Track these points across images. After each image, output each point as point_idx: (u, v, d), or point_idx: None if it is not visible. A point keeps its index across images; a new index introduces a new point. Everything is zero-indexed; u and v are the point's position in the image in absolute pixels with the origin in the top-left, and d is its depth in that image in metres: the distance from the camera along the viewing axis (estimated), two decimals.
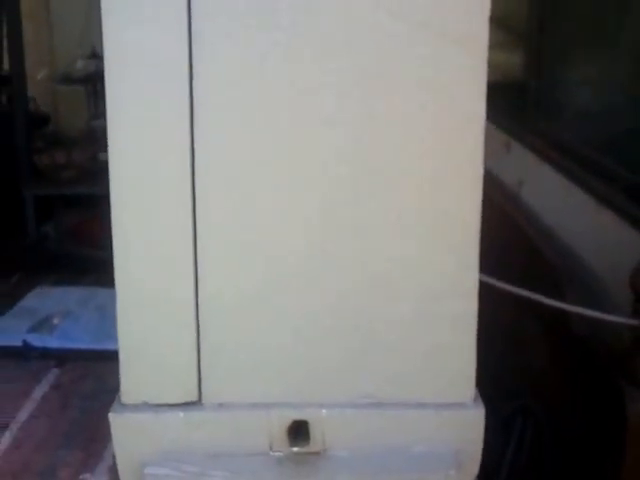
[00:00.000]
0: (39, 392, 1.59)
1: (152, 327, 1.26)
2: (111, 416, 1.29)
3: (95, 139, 4.53)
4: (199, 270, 1.24)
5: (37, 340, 2.14)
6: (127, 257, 1.24)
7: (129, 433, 1.29)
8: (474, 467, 1.33)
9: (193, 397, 1.29)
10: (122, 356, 1.28)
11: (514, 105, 3.33)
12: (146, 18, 1.16)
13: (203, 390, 1.29)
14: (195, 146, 1.20)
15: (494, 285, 1.81)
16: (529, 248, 2.77)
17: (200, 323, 1.26)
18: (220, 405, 1.30)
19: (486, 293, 1.32)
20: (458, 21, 1.16)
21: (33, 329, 2.25)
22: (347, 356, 1.29)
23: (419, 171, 1.22)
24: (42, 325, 2.28)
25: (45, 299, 2.52)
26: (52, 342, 2.14)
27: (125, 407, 1.29)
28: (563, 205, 2.78)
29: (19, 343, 2.12)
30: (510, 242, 2.90)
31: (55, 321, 2.29)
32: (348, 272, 1.26)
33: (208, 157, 1.20)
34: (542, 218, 2.91)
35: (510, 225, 3.00)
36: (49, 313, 2.37)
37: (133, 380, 1.29)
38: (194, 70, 1.17)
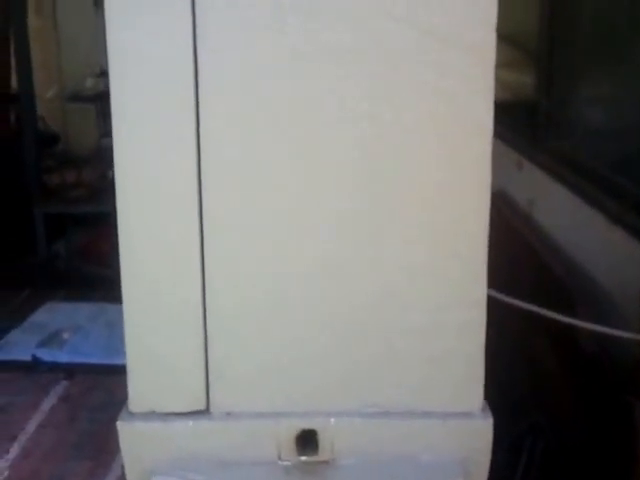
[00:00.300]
0: (48, 404, 1.60)
1: (160, 336, 1.27)
2: (119, 425, 1.29)
3: (105, 157, 4.55)
4: (207, 279, 1.24)
5: (46, 354, 2.15)
6: (134, 265, 1.24)
7: (137, 442, 1.29)
8: (482, 477, 1.32)
9: (201, 406, 1.30)
10: (130, 365, 1.28)
11: (525, 124, 3.34)
12: (149, 20, 1.17)
13: (211, 399, 1.30)
14: (202, 154, 1.21)
15: (504, 301, 1.81)
16: (539, 265, 2.77)
17: (208, 332, 1.26)
18: (228, 414, 1.30)
19: (496, 310, 1.32)
20: (465, 29, 1.17)
21: (43, 344, 2.26)
22: (355, 365, 1.29)
23: (427, 180, 1.23)
24: (52, 340, 2.29)
25: (55, 314, 2.52)
26: (61, 357, 2.15)
27: (133, 416, 1.30)
28: (574, 222, 2.77)
29: (28, 357, 2.12)
30: (521, 259, 2.90)
31: (65, 336, 2.30)
32: (356, 282, 1.26)
33: (215, 165, 1.21)
34: (553, 235, 2.91)
35: (521, 242, 3.00)
36: (59, 328, 2.38)
37: (141, 389, 1.29)
38: (199, 76, 1.18)
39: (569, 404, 2.46)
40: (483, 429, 1.31)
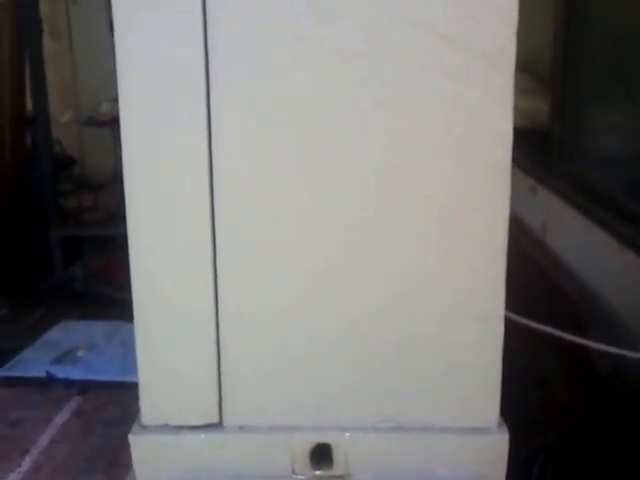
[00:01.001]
0: (61, 418, 1.58)
1: (172, 347, 1.25)
2: (131, 438, 1.27)
3: (121, 181, 4.54)
4: (219, 290, 1.23)
5: (61, 372, 2.13)
6: (145, 277, 1.23)
7: (149, 454, 1.28)
8: None
9: (214, 419, 1.28)
10: (142, 377, 1.26)
11: (540, 150, 3.35)
12: (159, 23, 1.16)
13: (224, 412, 1.28)
14: (213, 164, 1.19)
15: (517, 322, 1.79)
16: (552, 289, 2.76)
17: (220, 344, 1.25)
18: (241, 427, 1.28)
19: (509, 332, 1.30)
20: (485, 35, 1.15)
21: (57, 361, 2.24)
22: (370, 379, 1.27)
23: (444, 190, 1.21)
24: (66, 357, 2.28)
25: (70, 332, 2.51)
26: (75, 374, 2.13)
27: (145, 428, 1.28)
28: (586, 246, 2.77)
29: (43, 374, 2.11)
30: (534, 283, 2.89)
31: (79, 354, 2.29)
32: (371, 292, 1.24)
33: (227, 177, 1.20)
34: (566, 259, 2.91)
35: (534, 267, 2.99)
36: (73, 346, 2.37)
37: (153, 401, 1.27)
38: (210, 81, 1.17)
39: (581, 425, 2.45)
40: (499, 445, 1.29)
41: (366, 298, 1.24)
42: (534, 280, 2.90)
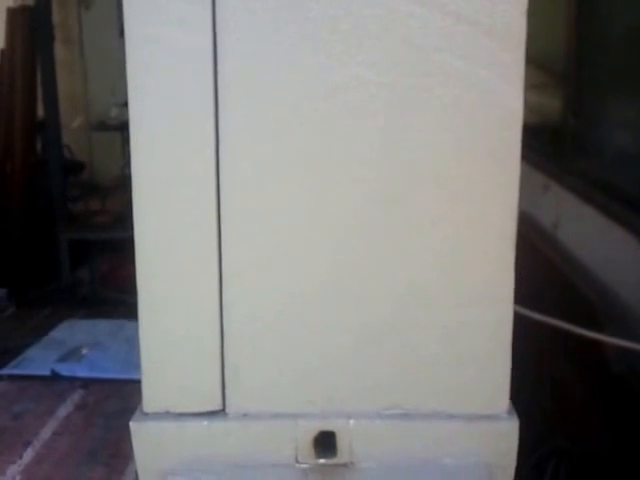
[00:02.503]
0: (64, 411, 1.57)
1: (174, 334, 1.23)
2: (132, 425, 1.25)
3: (129, 186, 4.54)
4: (223, 274, 1.21)
5: (65, 369, 2.13)
6: (149, 264, 1.21)
7: (151, 442, 1.26)
8: None
9: (217, 406, 1.26)
10: (144, 364, 1.25)
11: (552, 146, 3.33)
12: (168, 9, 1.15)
13: (227, 399, 1.26)
14: (220, 150, 1.18)
15: (530, 317, 1.77)
16: (566, 286, 2.74)
17: (224, 329, 1.23)
18: (244, 415, 1.26)
19: (522, 331, 1.29)
20: (494, 13, 1.12)
21: (62, 359, 2.24)
22: (375, 365, 1.25)
23: (453, 171, 1.19)
24: (71, 355, 2.27)
25: (75, 331, 2.51)
26: (80, 371, 2.12)
27: (147, 416, 1.26)
28: (601, 243, 2.75)
29: (47, 372, 2.10)
30: (547, 281, 2.87)
31: (84, 351, 2.28)
32: (377, 280, 1.22)
33: (233, 163, 1.18)
34: (579, 256, 2.89)
35: (547, 264, 2.97)
36: (78, 344, 2.36)
37: (155, 388, 1.25)
38: (219, 66, 1.15)
39: (595, 425, 2.42)
40: (509, 432, 1.26)
41: (374, 284, 1.22)
42: (547, 277, 2.88)
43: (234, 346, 1.24)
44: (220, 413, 1.26)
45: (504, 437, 1.26)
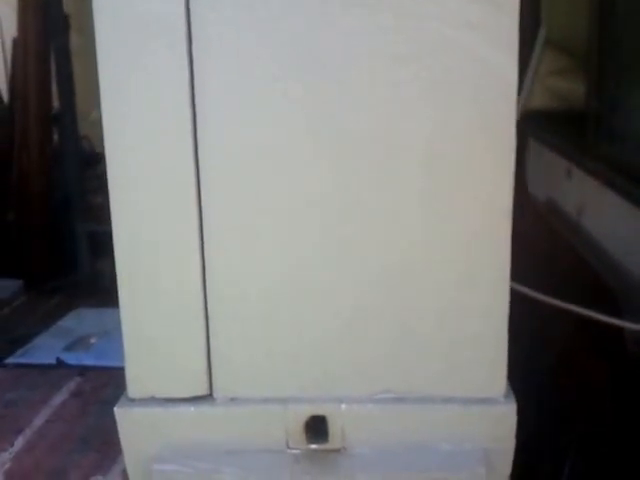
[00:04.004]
0: (58, 399, 1.53)
1: (159, 316, 1.18)
2: (117, 411, 1.21)
3: None
4: (206, 255, 1.16)
5: (72, 358, 2.09)
6: (129, 245, 1.17)
7: (136, 428, 1.21)
8: (506, 467, 1.22)
9: (204, 391, 1.21)
10: (127, 348, 1.20)
11: (575, 131, 3.27)
12: None
13: (214, 383, 1.21)
14: (197, 120, 1.13)
15: (550, 304, 1.72)
16: (588, 273, 2.69)
17: (209, 311, 1.18)
18: (232, 399, 1.22)
19: (541, 317, 1.23)
20: None
21: (68, 348, 2.21)
22: (368, 348, 1.20)
23: (443, 146, 1.12)
24: (78, 344, 2.24)
25: (83, 319, 2.49)
26: (87, 360, 2.09)
27: (132, 402, 1.21)
28: (625, 229, 2.70)
29: (53, 361, 2.07)
30: (569, 267, 2.82)
31: (92, 340, 2.25)
32: (368, 260, 1.17)
33: (212, 132, 1.13)
34: (603, 242, 2.84)
35: (569, 250, 2.92)
36: (86, 333, 2.34)
37: (139, 373, 1.21)
38: (193, 34, 1.11)
39: (615, 412, 2.37)
40: (506, 416, 1.21)
41: (364, 267, 1.17)
42: (569, 264, 2.83)
43: (220, 329, 1.19)
44: (207, 398, 1.22)
45: (501, 421, 1.21)
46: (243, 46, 1.10)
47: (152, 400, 1.21)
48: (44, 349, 2.19)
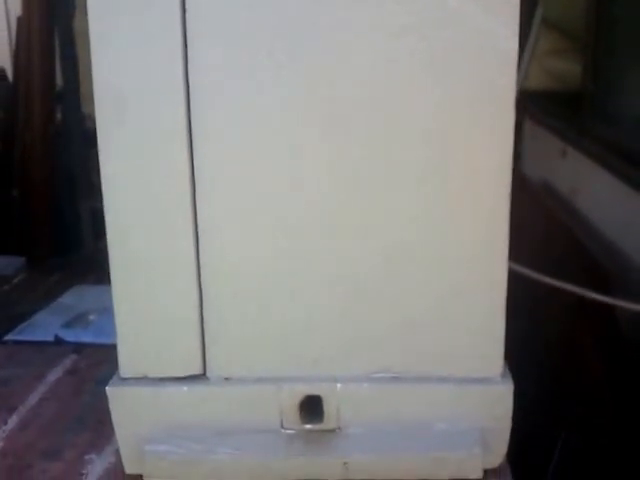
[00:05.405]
0: (53, 376, 1.49)
1: (151, 295, 1.14)
2: (109, 391, 1.17)
3: None
4: (200, 233, 1.11)
5: (70, 335, 2.05)
6: (121, 218, 1.12)
7: (129, 408, 1.17)
8: (502, 447, 1.18)
9: (197, 370, 1.17)
10: (119, 326, 1.15)
11: (571, 111, 3.24)
12: None
13: (208, 363, 1.17)
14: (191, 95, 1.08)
15: (543, 282, 1.68)
16: (581, 252, 2.66)
17: (203, 290, 1.13)
18: (226, 379, 1.17)
19: (534, 297, 1.19)
20: None
21: (67, 325, 2.16)
22: (363, 327, 1.15)
23: (442, 121, 1.07)
24: (77, 321, 2.19)
25: (83, 297, 2.44)
26: (85, 337, 2.04)
27: (124, 381, 1.17)
28: (619, 208, 2.67)
29: (52, 338, 2.03)
30: (563, 246, 2.80)
31: (91, 317, 2.20)
32: (364, 238, 1.12)
33: (207, 105, 1.08)
34: (596, 222, 2.82)
35: (563, 230, 2.90)
36: (85, 310, 2.28)
37: (132, 352, 1.16)
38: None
39: (608, 392, 2.34)
40: (503, 396, 1.16)
41: (361, 244, 1.12)
42: (563, 243, 2.81)
43: (214, 308, 1.14)
44: (201, 377, 1.17)
45: (498, 401, 1.17)
46: (236, 22, 1.05)
47: (145, 379, 1.17)
48: (43, 326, 2.14)
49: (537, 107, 3.18)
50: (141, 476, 1.17)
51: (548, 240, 2.77)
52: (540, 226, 2.85)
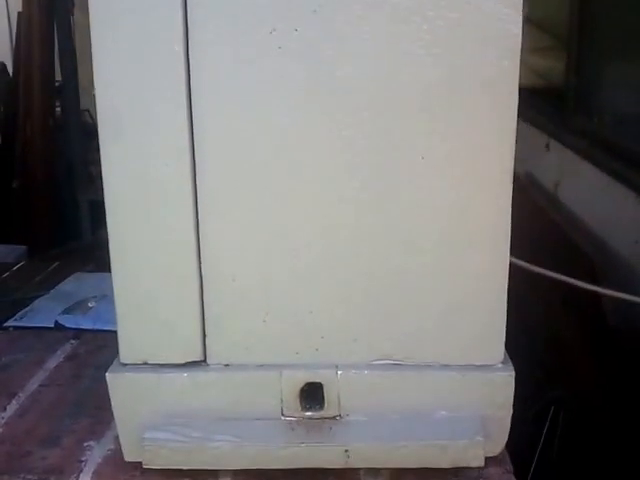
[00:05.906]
0: (53, 362, 1.45)
1: (151, 280, 1.10)
2: (108, 377, 1.12)
3: None
4: (200, 216, 1.07)
5: (70, 321, 1.99)
6: (120, 204, 1.07)
7: (128, 395, 1.13)
8: (503, 434, 1.14)
9: (197, 357, 1.13)
10: (119, 311, 1.11)
11: (554, 106, 3.24)
12: None
13: (208, 349, 1.13)
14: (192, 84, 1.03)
15: (529, 270, 1.64)
16: (566, 244, 2.65)
17: (203, 275, 1.09)
18: (227, 365, 1.13)
19: (518, 283, 1.15)
20: None
21: (67, 311, 2.10)
22: (364, 313, 1.12)
23: (444, 105, 1.03)
24: (76, 307, 2.14)
25: (82, 283, 2.37)
26: (85, 323, 1.99)
27: (124, 367, 1.13)
28: (602, 200, 2.66)
29: (51, 324, 1.97)
30: (546, 238, 2.79)
31: (90, 304, 2.14)
32: (362, 219, 1.08)
33: (208, 88, 1.03)
34: (580, 214, 2.82)
35: (547, 221, 2.89)
36: (85, 296, 2.22)
37: (132, 338, 1.13)
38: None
39: (594, 379, 2.33)
40: (504, 383, 1.13)
41: (358, 226, 1.08)
42: (547, 236, 2.80)
43: (215, 293, 1.10)
44: (201, 364, 1.13)
45: (499, 388, 1.13)
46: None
47: (144, 366, 1.12)
48: (43, 312, 2.08)
49: (522, 103, 3.16)
50: (140, 463, 1.12)
51: (532, 231, 2.76)
52: (525, 218, 2.84)
